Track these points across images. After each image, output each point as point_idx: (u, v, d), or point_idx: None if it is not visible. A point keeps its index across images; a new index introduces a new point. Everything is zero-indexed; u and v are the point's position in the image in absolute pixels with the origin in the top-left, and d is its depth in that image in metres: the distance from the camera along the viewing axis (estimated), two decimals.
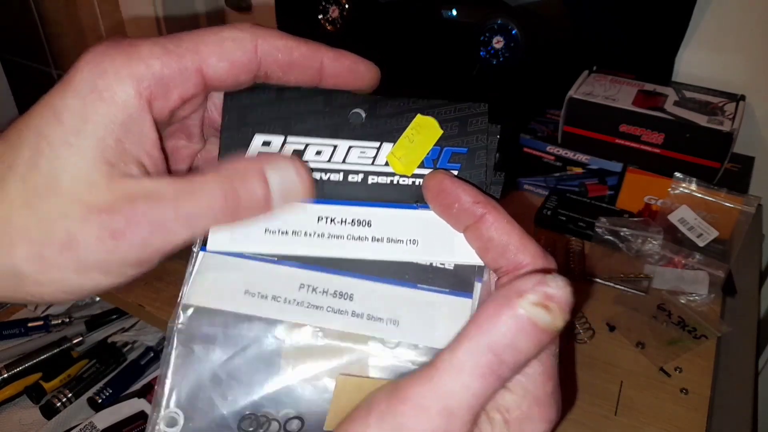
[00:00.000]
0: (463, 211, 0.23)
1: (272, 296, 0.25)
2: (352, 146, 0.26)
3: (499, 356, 0.19)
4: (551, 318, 0.19)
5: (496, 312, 0.19)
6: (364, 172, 0.26)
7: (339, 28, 0.91)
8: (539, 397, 0.21)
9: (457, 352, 0.20)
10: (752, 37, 0.78)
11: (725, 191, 0.67)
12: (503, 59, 0.79)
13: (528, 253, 0.23)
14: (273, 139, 0.26)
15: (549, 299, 0.19)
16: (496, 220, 0.23)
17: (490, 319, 0.19)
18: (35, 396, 0.79)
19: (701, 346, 0.59)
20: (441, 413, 0.19)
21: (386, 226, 0.25)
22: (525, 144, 0.80)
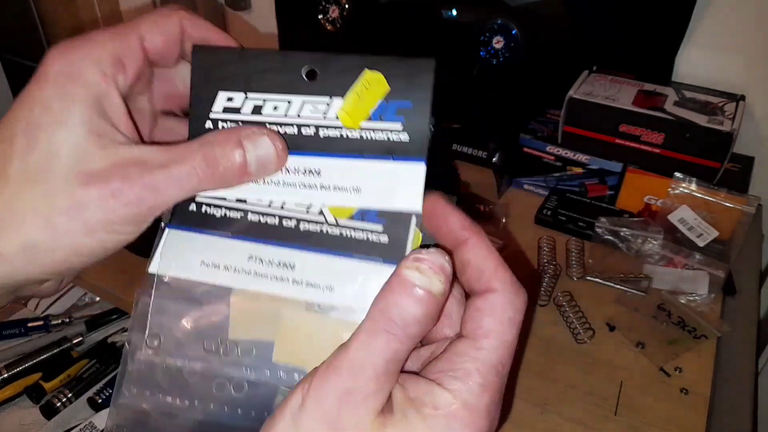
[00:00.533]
0: (450, 233, 0.26)
1: (224, 266, 0.28)
2: (306, 101, 0.28)
3: (389, 316, 0.23)
4: (426, 278, 0.23)
5: (388, 283, 0.24)
6: (316, 125, 0.28)
7: (339, 28, 0.91)
8: (471, 405, 0.23)
9: (363, 322, 0.24)
10: (752, 37, 0.78)
11: (725, 191, 0.67)
12: (503, 59, 0.79)
13: (500, 280, 0.25)
14: (235, 95, 0.29)
15: (420, 262, 0.23)
16: (477, 245, 0.25)
17: (383, 289, 0.24)
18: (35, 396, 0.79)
19: (701, 346, 0.59)
20: (349, 371, 0.22)
21: (334, 175, 0.28)
22: (525, 144, 0.80)
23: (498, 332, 0.24)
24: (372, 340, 0.23)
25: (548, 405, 0.54)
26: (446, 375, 0.24)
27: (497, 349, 0.24)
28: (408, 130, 0.28)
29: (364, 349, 0.23)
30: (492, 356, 0.24)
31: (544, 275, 0.66)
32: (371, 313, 0.24)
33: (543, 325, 0.61)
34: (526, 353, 0.58)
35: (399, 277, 0.24)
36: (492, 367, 0.24)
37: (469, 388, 0.23)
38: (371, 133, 0.28)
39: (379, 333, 0.23)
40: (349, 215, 0.28)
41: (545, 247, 0.70)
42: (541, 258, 0.69)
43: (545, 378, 0.56)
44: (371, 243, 0.28)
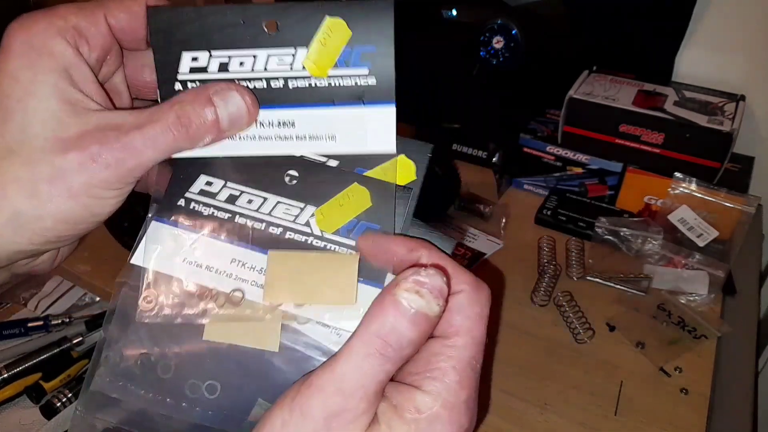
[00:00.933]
0: (402, 262, 0.26)
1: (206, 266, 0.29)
2: (271, 54, 0.28)
3: (384, 339, 0.22)
4: (425, 302, 0.23)
5: (381, 303, 0.23)
6: (285, 77, 0.28)
7: None
8: (451, 402, 0.23)
9: (351, 341, 0.23)
10: (752, 37, 0.78)
11: (725, 191, 0.67)
12: (503, 59, 0.79)
13: (462, 281, 0.25)
14: (199, 55, 0.28)
15: (420, 285, 0.23)
16: (430, 258, 0.26)
17: (376, 310, 0.23)
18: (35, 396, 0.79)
19: (701, 346, 0.59)
20: (336, 393, 0.22)
21: (308, 125, 0.29)
22: (525, 144, 0.80)
23: (468, 328, 0.25)
24: (365, 363, 0.22)
25: (548, 405, 0.54)
26: (424, 377, 0.24)
27: (469, 345, 0.24)
28: (375, 74, 0.28)
29: (356, 371, 0.22)
30: (465, 353, 0.24)
31: (544, 275, 0.66)
32: (363, 334, 0.23)
33: (543, 325, 0.61)
34: (526, 353, 0.58)
35: (394, 298, 0.23)
36: (466, 363, 0.24)
37: (447, 386, 0.24)
38: (339, 80, 0.28)
39: (372, 356, 0.23)
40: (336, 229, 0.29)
41: (545, 247, 0.70)
42: (541, 258, 0.69)
43: (545, 378, 0.56)
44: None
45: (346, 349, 0.23)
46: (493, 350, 0.57)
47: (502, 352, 0.58)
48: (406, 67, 0.84)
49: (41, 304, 0.91)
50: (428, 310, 0.23)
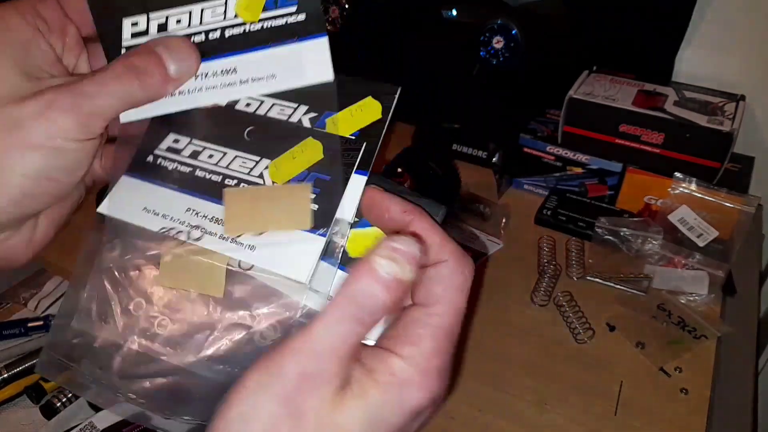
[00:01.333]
0: (392, 220, 0.27)
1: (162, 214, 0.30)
2: (204, 7, 0.30)
3: (358, 302, 0.23)
4: (399, 267, 0.23)
5: (357, 269, 0.24)
6: (220, 27, 0.30)
7: (339, 28, 0.91)
8: (424, 369, 0.24)
9: (327, 307, 0.23)
10: (752, 37, 0.78)
11: (725, 191, 0.67)
12: (503, 59, 0.79)
13: (447, 250, 0.26)
14: (138, 19, 0.30)
15: (395, 252, 0.23)
16: (421, 224, 0.27)
17: (352, 276, 0.24)
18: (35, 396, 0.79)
19: (701, 346, 0.59)
20: (309, 354, 0.23)
21: (249, 69, 0.30)
22: (525, 144, 0.80)
23: (448, 298, 0.25)
24: (338, 326, 0.23)
25: (548, 405, 0.54)
26: (401, 342, 0.24)
27: (448, 315, 0.25)
28: (303, 10, 0.30)
29: (329, 334, 0.23)
30: (443, 321, 0.25)
31: (544, 275, 0.66)
32: (338, 299, 0.23)
33: (543, 325, 0.61)
34: (526, 353, 0.58)
35: (370, 264, 0.23)
36: (444, 331, 0.25)
37: (421, 352, 0.24)
38: (271, 22, 0.30)
39: (346, 319, 0.23)
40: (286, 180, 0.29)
41: (545, 247, 0.70)
42: (541, 258, 0.69)
43: (545, 378, 0.56)
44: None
45: (322, 314, 0.23)
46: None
47: (502, 352, 0.58)
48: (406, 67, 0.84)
49: (41, 304, 0.91)
50: (402, 275, 0.23)
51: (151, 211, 0.30)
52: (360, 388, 0.23)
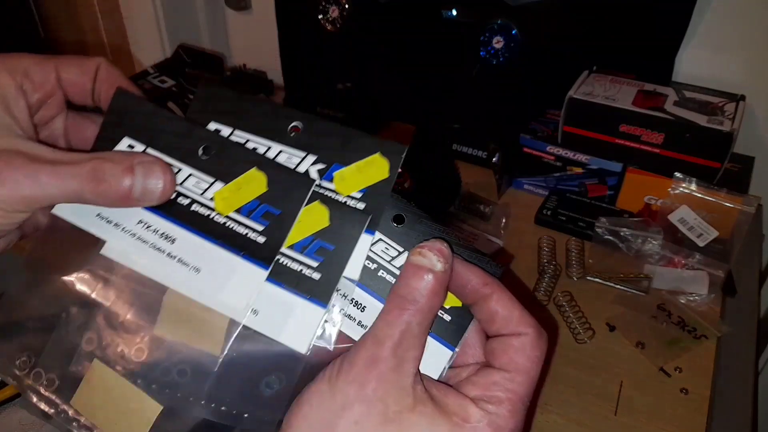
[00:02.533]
0: (473, 292, 0.28)
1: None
2: (193, 174, 0.30)
3: (399, 294, 0.27)
4: (427, 260, 0.27)
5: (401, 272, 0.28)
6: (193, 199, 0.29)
7: (339, 28, 0.91)
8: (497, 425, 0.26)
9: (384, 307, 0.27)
10: (752, 37, 0.78)
11: (725, 191, 0.67)
12: (503, 59, 0.79)
13: (527, 324, 0.28)
14: (137, 145, 0.30)
15: (423, 248, 0.27)
16: (502, 298, 0.28)
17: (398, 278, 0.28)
18: None
19: (701, 346, 0.59)
20: (371, 343, 0.26)
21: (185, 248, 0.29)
22: (525, 144, 0.80)
23: (527, 369, 0.27)
24: (387, 317, 0.27)
25: (548, 405, 0.54)
26: (480, 397, 0.26)
27: (526, 384, 0.27)
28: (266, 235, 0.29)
29: (382, 325, 0.27)
30: (522, 389, 0.27)
31: (544, 275, 0.66)
32: (388, 296, 0.27)
33: (543, 325, 0.61)
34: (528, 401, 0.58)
35: (407, 263, 0.27)
36: (520, 398, 0.27)
37: (499, 411, 0.26)
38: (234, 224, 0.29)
39: (392, 310, 0.27)
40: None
41: (545, 247, 0.70)
42: (541, 258, 0.69)
43: (545, 378, 0.56)
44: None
45: (378, 314, 0.27)
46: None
47: None
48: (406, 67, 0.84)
49: None
50: (431, 266, 0.27)
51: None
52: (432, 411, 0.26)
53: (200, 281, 0.28)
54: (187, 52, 1.12)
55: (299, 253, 0.28)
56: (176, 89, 1.03)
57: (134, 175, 0.28)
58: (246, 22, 1.16)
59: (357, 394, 0.25)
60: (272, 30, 1.07)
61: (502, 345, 0.28)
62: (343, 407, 0.25)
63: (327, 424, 0.25)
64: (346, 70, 0.99)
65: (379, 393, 0.25)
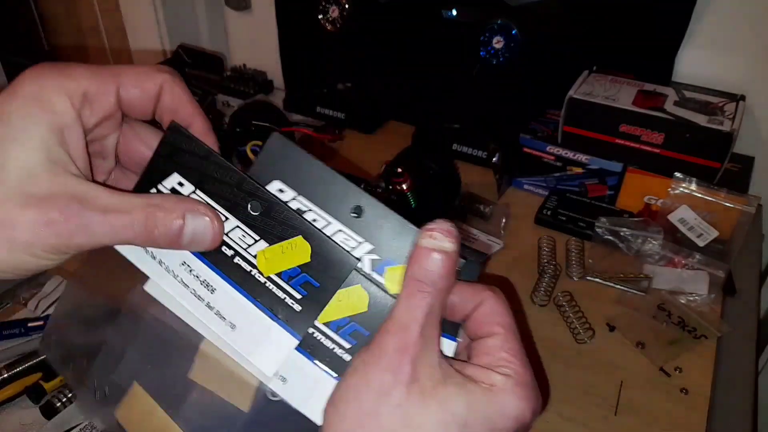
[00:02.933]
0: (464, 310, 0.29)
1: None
2: (239, 226, 0.29)
3: (416, 278, 0.27)
4: (437, 241, 0.27)
5: (412, 254, 0.28)
6: (236, 252, 0.29)
7: (339, 28, 0.91)
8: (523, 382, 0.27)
9: (400, 293, 0.28)
10: (752, 37, 0.78)
11: (725, 191, 0.67)
12: (503, 59, 0.79)
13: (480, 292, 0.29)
14: (186, 184, 0.29)
15: (432, 230, 0.28)
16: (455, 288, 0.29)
17: (409, 261, 0.28)
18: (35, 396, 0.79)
19: (701, 346, 0.59)
20: (397, 329, 0.27)
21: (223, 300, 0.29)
22: (525, 144, 0.80)
23: (509, 323, 0.29)
24: (408, 302, 0.27)
25: (548, 405, 0.54)
26: (492, 360, 0.28)
27: (516, 337, 0.29)
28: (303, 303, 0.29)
29: (405, 310, 0.27)
30: (517, 343, 0.29)
31: (544, 275, 0.66)
32: (404, 282, 0.28)
33: (543, 325, 0.61)
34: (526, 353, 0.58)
35: (417, 246, 0.28)
36: (521, 351, 0.28)
37: (515, 369, 0.27)
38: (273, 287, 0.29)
39: (413, 294, 0.27)
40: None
41: (545, 247, 0.70)
42: (541, 258, 0.69)
43: (545, 378, 0.56)
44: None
45: (396, 300, 0.28)
46: None
47: None
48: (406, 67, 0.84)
49: (41, 304, 0.91)
50: (441, 247, 0.27)
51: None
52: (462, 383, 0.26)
53: (234, 337, 0.29)
54: (187, 52, 1.12)
55: (334, 332, 0.29)
56: None
57: (185, 223, 0.28)
58: (246, 22, 1.16)
59: (393, 379, 0.26)
60: (272, 30, 1.07)
61: (475, 319, 0.29)
62: (381, 394, 0.26)
63: (368, 413, 0.26)
64: (346, 70, 0.99)
65: (413, 375, 0.26)
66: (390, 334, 0.27)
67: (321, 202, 0.29)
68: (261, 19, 1.11)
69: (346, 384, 0.27)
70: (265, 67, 1.11)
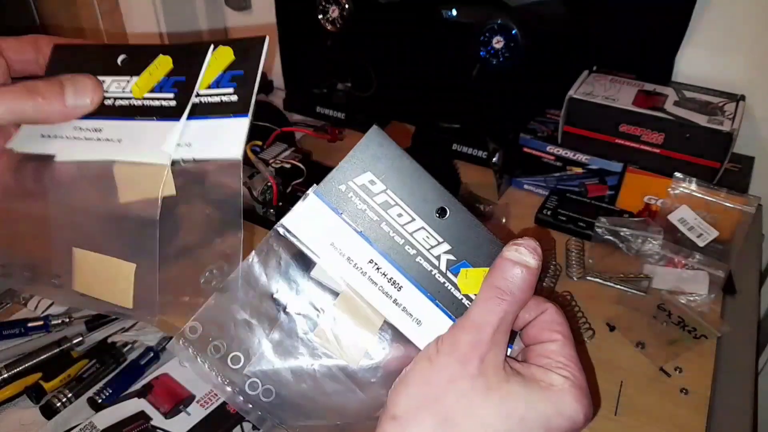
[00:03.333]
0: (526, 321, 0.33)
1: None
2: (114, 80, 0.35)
3: (497, 285, 0.30)
4: (522, 255, 0.30)
5: (496, 263, 0.31)
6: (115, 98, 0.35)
7: (339, 28, 0.91)
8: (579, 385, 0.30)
9: (478, 295, 0.31)
10: (752, 37, 0.78)
11: (725, 191, 0.67)
12: (503, 59, 0.79)
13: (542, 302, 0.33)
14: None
15: (518, 245, 0.31)
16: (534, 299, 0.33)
17: (492, 269, 0.31)
18: (35, 396, 0.79)
19: (701, 346, 0.59)
20: (471, 327, 0.30)
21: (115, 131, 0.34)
22: (525, 144, 0.80)
23: (566, 332, 0.32)
24: (486, 305, 0.30)
25: None
26: (550, 364, 0.30)
27: (572, 344, 0.31)
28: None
29: (482, 312, 0.30)
30: (573, 350, 0.31)
31: (544, 275, 0.66)
32: (484, 287, 0.30)
33: None
34: None
35: (503, 257, 0.31)
36: (576, 358, 0.31)
37: (573, 372, 0.30)
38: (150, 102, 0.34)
39: (491, 299, 0.30)
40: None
41: (545, 247, 0.70)
42: None
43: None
44: None
45: (474, 301, 0.31)
46: None
47: None
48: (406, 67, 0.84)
49: (41, 304, 0.91)
50: (525, 261, 0.30)
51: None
52: (523, 381, 0.29)
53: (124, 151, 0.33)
54: None
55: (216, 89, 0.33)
56: None
57: (64, 86, 0.32)
58: (246, 22, 1.15)
59: (461, 370, 0.28)
60: (272, 30, 1.07)
61: (536, 326, 0.32)
62: (449, 381, 0.28)
63: (434, 397, 0.28)
64: (346, 70, 0.99)
65: (481, 370, 0.28)
66: (464, 331, 0.30)
67: (407, 199, 0.31)
68: (261, 19, 1.11)
69: (419, 367, 0.29)
70: (265, 67, 1.11)
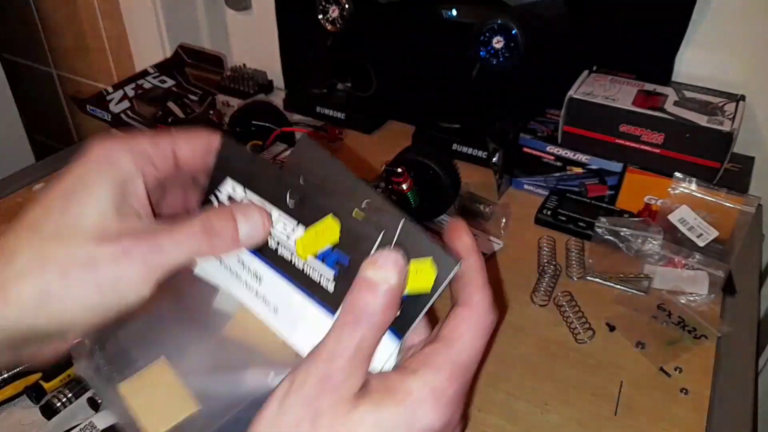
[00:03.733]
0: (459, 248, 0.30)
1: None
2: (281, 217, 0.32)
3: (354, 310, 0.27)
4: (381, 273, 0.27)
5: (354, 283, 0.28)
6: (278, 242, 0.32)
7: (339, 28, 0.91)
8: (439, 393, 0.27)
9: (335, 321, 0.27)
10: (752, 37, 0.78)
11: (725, 191, 0.67)
12: (503, 59, 0.79)
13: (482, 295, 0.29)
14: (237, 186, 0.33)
15: (375, 260, 0.27)
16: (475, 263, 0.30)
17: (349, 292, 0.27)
18: (35, 396, 0.79)
19: (701, 346, 0.59)
20: (323, 359, 0.26)
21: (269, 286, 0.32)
22: (525, 144, 0.80)
23: (470, 338, 0.28)
24: (341, 332, 0.27)
25: (548, 405, 0.54)
26: (419, 366, 0.27)
27: (467, 353, 0.28)
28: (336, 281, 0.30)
29: (336, 340, 0.27)
30: (462, 356, 0.28)
31: (544, 275, 0.66)
32: (341, 310, 0.27)
33: (543, 325, 0.61)
34: (526, 353, 0.58)
35: (360, 276, 0.27)
36: (460, 365, 0.28)
37: (438, 378, 0.27)
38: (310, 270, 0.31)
39: (346, 325, 0.27)
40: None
41: (545, 247, 0.70)
42: (541, 258, 0.69)
43: (545, 378, 0.56)
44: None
45: (331, 327, 0.27)
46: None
47: (502, 352, 0.58)
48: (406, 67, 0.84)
49: None
50: (383, 280, 0.27)
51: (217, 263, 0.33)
52: (376, 400, 0.26)
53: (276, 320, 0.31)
54: (187, 52, 1.12)
55: None
56: (176, 89, 1.03)
57: (236, 221, 0.31)
58: (246, 22, 1.16)
59: (305, 412, 0.26)
60: (272, 30, 1.07)
61: (451, 316, 0.29)
62: (295, 426, 0.26)
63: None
64: (346, 70, 0.99)
65: (329, 404, 0.26)
66: (315, 363, 0.27)
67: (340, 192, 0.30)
68: (261, 19, 1.11)
69: (269, 411, 0.26)
70: (265, 67, 1.11)
